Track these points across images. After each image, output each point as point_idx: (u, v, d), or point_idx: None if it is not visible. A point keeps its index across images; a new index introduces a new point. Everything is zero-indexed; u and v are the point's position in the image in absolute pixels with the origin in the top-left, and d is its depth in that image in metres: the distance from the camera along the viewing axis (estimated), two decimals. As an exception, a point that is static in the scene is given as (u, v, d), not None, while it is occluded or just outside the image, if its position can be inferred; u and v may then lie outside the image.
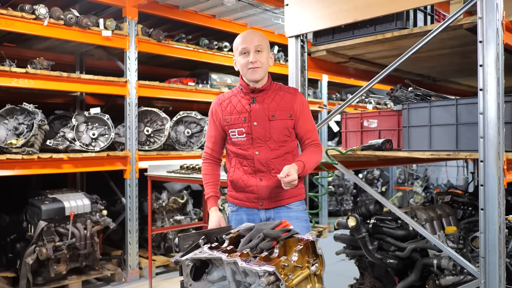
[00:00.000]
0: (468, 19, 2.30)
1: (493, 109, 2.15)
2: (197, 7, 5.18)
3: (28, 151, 4.00)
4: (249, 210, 2.35)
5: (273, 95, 2.32)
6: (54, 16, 4.19)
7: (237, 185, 2.35)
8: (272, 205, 2.31)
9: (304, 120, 2.34)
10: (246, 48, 2.27)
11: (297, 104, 2.32)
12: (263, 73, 2.30)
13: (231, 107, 2.35)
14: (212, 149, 2.44)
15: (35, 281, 4.15)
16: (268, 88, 2.33)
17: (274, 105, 2.30)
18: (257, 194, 2.30)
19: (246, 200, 2.34)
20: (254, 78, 2.28)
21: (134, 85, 4.79)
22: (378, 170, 9.23)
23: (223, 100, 2.40)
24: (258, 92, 2.32)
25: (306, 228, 2.34)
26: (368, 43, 2.79)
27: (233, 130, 2.33)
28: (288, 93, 2.35)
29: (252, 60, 2.25)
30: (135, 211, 4.84)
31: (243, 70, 2.31)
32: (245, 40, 2.29)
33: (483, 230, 2.19)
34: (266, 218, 2.31)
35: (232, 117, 2.33)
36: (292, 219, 2.26)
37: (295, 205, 2.35)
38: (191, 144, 5.34)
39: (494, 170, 2.15)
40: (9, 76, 3.99)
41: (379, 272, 3.19)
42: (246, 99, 2.33)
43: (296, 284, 1.67)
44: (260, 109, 2.29)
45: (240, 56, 2.31)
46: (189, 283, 1.84)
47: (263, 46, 2.29)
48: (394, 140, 2.93)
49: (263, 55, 2.28)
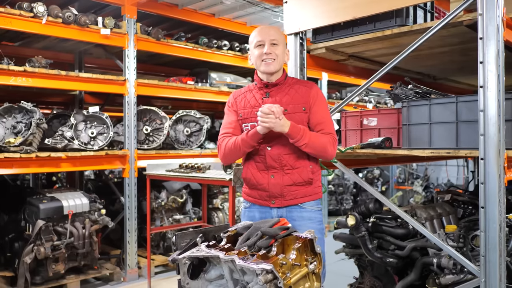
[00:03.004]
0: (468, 16, 2.29)
1: (493, 107, 2.14)
2: (196, 6, 5.16)
3: (26, 149, 3.98)
4: (261, 207, 2.30)
5: (287, 89, 2.28)
6: (52, 14, 4.18)
7: (250, 182, 2.32)
8: (284, 203, 2.25)
9: (316, 111, 2.26)
10: (261, 40, 2.24)
11: (311, 96, 2.26)
12: (277, 66, 2.25)
13: (245, 102, 2.32)
14: (232, 133, 2.31)
15: (33, 280, 4.13)
16: (282, 83, 2.29)
17: (288, 99, 2.25)
18: (269, 192, 2.25)
19: (258, 198, 2.30)
20: (268, 70, 2.24)
21: (133, 84, 4.77)
22: (378, 170, 9.23)
23: (238, 95, 2.38)
24: (272, 87, 2.28)
25: (319, 230, 2.26)
26: (368, 40, 2.77)
27: (246, 124, 2.29)
28: (303, 87, 2.30)
29: (267, 51, 2.21)
30: (134, 210, 4.82)
31: (257, 62, 2.27)
32: (261, 33, 2.26)
33: (484, 228, 2.17)
34: (278, 217, 2.24)
35: (245, 111, 2.30)
36: (304, 219, 2.22)
37: (309, 205, 2.28)
38: (190, 143, 5.32)
39: (494, 168, 2.13)
40: (7, 74, 3.98)
41: (378, 271, 3.18)
42: (260, 93, 2.30)
43: (294, 282, 1.66)
44: (273, 103, 2.21)
45: (255, 49, 2.27)
46: (186, 282, 1.82)
47: (279, 40, 2.26)
48: (394, 138, 2.92)
49: (278, 48, 2.25)
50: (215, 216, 5.62)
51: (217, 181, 3.82)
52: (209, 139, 6.30)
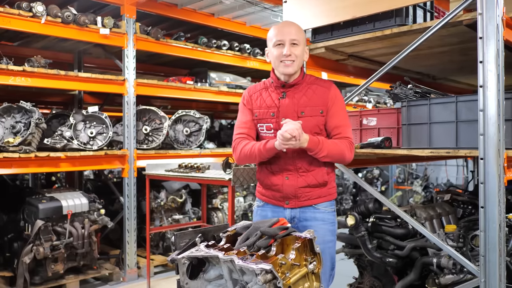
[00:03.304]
0: (468, 15, 2.29)
1: (493, 106, 2.14)
2: (196, 5, 5.15)
3: (25, 149, 3.97)
4: (275, 207, 2.27)
5: (304, 90, 2.21)
6: (51, 14, 4.17)
7: (263, 182, 2.29)
8: (298, 204, 2.21)
9: (333, 114, 2.19)
10: (281, 40, 2.16)
11: (330, 98, 2.19)
12: (296, 68, 2.19)
13: (260, 100, 2.26)
14: (247, 134, 2.28)
15: (33, 280, 4.12)
16: (300, 83, 2.22)
17: (305, 100, 2.19)
18: (282, 193, 2.22)
19: (272, 198, 2.27)
20: (286, 72, 2.17)
21: (132, 84, 4.76)
22: (377, 170, 9.22)
23: (254, 92, 2.31)
24: (289, 87, 2.22)
25: (331, 232, 2.24)
26: (367, 40, 2.76)
27: (261, 125, 2.25)
28: (321, 87, 2.22)
29: (286, 53, 2.14)
30: (133, 210, 4.81)
31: (275, 63, 2.20)
32: (281, 32, 2.18)
33: (483, 228, 2.17)
34: (291, 217, 2.22)
35: (261, 111, 2.25)
36: (317, 220, 2.20)
37: (323, 206, 2.23)
38: (190, 143, 5.32)
39: (494, 168, 2.13)
40: (6, 74, 3.97)
41: (378, 271, 3.17)
42: (276, 93, 2.24)
43: (293, 282, 1.65)
44: (290, 104, 2.18)
45: (274, 48, 2.19)
46: (185, 282, 1.82)
47: (300, 39, 2.18)
48: (394, 138, 2.91)
49: (298, 48, 2.17)
50: (215, 216, 5.62)
51: (216, 181, 3.82)
52: (209, 139, 6.29)
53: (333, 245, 2.27)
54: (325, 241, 2.18)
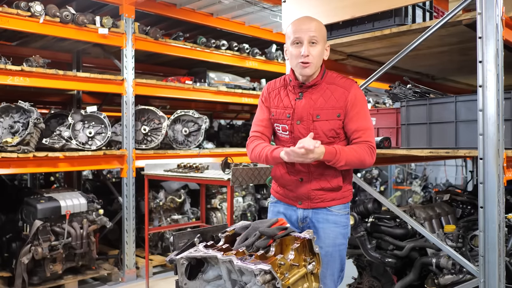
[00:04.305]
0: (468, 15, 2.28)
1: (492, 106, 2.13)
2: (195, 5, 5.15)
3: (23, 149, 3.96)
4: (287, 205, 2.25)
5: (322, 90, 2.10)
6: (50, 13, 4.16)
7: (278, 181, 2.26)
8: (311, 205, 2.17)
9: (353, 117, 2.07)
10: (299, 38, 2.04)
11: (349, 101, 2.06)
12: (314, 69, 2.07)
13: (278, 99, 2.18)
14: (262, 133, 2.23)
15: (31, 280, 4.11)
16: (318, 83, 2.11)
17: (321, 103, 2.08)
18: (296, 194, 2.19)
19: (285, 197, 2.25)
20: (304, 73, 2.07)
21: (131, 84, 4.76)
22: (376, 170, 9.22)
23: (273, 89, 2.23)
24: (306, 88, 2.12)
25: (343, 235, 2.19)
26: (366, 40, 2.76)
27: (277, 125, 2.19)
28: (340, 88, 2.09)
29: (304, 54, 2.02)
30: (132, 210, 4.81)
31: (293, 62, 2.09)
32: (300, 29, 2.05)
33: (483, 228, 2.17)
34: (303, 217, 2.19)
35: (278, 111, 2.17)
36: (329, 222, 2.16)
37: (336, 209, 2.18)
38: (189, 143, 5.31)
39: (493, 168, 2.13)
40: (5, 74, 3.95)
41: (377, 271, 3.17)
42: (293, 93, 2.15)
43: (292, 283, 1.65)
44: (305, 107, 2.09)
45: (292, 46, 2.07)
46: (184, 282, 1.81)
47: (319, 37, 2.05)
48: (393, 138, 2.91)
49: (317, 47, 2.04)
50: (213, 216, 5.61)
51: (215, 181, 3.81)
52: (208, 139, 6.28)
53: (344, 248, 2.23)
54: (336, 244, 2.16)
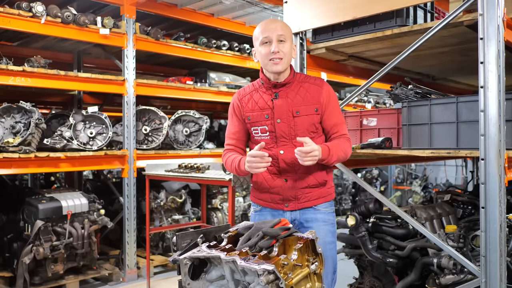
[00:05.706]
0: (469, 16, 2.29)
1: (494, 107, 2.14)
2: (196, 6, 5.15)
3: (25, 150, 3.97)
4: (274, 211, 2.22)
5: (297, 88, 2.16)
6: (51, 14, 4.16)
7: (261, 186, 2.23)
8: (298, 206, 2.18)
9: (330, 113, 2.17)
10: (267, 37, 2.10)
11: (324, 96, 2.15)
12: (285, 65, 2.13)
13: (252, 103, 2.19)
14: (235, 146, 2.28)
15: (32, 280, 4.12)
16: (291, 81, 2.17)
17: (299, 100, 2.14)
18: (282, 196, 2.18)
19: (271, 201, 2.22)
20: (276, 70, 2.11)
21: (132, 84, 4.76)
22: (377, 170, 9.23)
23: (244, 95, 2.24)
24: (280, 87, 2.16)
25: (331, 233, 2.22)
26: (368, 40, 2.77)
27: (255, 128, 2.19)
28: (313, 85, 2.17)
29: (274, 50, 2.08)
30: (133, 210, 4.81)
31: (264, 61, 2.14)
32: (267, 28, 2.12)
33: (484, 228, 2.17)
34: (291, 220, 2.18)
35: (254, 114, 2.18)
36: (318, 221, 2.17)
37: (323, 207, 2.21)
38: (189, 143, 5.32)
39: (495, 168, 2.13)
40: (6, 74, 3.96)
41: (378, 271, 3.18)
42: (268, 94, 2.17)
43: (295, 283, 1.65)
44: (284, 104, 2.13)
45: (261, 47, 2.13)
46: (187, 282, 1.82)
47: (286, 35, 2.12)
48: (394, 138, 2.91)
49: (286, 45, 2.11)
50: (214, 216, 5.62)
51: (216, 181, 3.82)
52: (208, 139, 6.29)
53: (334, 247, 2.25)
54: (326, 242, 2.16)
